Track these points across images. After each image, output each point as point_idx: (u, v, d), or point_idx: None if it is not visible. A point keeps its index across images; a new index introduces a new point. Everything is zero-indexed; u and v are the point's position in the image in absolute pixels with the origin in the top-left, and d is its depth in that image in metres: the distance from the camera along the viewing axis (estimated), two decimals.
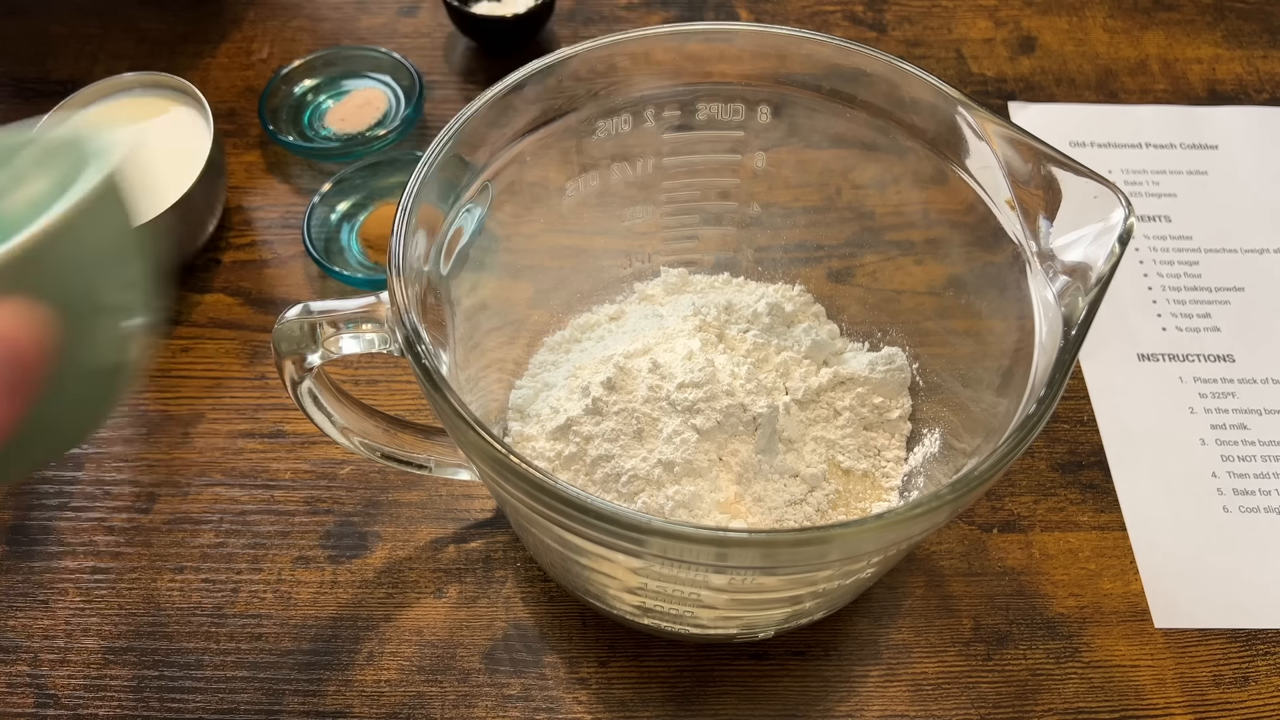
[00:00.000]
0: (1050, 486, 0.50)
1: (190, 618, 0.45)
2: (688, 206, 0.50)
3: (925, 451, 0.46)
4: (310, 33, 0.67)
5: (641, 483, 0.42)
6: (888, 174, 0.46)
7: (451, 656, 0.44)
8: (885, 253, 0.49)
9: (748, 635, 0.44)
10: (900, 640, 0.45)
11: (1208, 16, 0.69)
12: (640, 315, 0.49)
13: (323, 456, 0.50)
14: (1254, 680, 0.45)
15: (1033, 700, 0.44)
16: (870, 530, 0.33)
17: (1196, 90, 0.66)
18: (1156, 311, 0.56)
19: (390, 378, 0.53)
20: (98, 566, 0.47)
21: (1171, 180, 0.62)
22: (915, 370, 0.48)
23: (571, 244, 0.50)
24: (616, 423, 0.42)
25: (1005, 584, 0.47)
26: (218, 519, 0.48)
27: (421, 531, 0.48)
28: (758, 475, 0.43)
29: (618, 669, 0.44)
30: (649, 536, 0.32)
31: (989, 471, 0.33)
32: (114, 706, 0.43)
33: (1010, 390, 0.39)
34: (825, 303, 0.51)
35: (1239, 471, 0.51)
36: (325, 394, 0.40)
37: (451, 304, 0.41)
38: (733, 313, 0.48)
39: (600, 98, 0.44)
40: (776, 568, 0.35)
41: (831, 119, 0.45)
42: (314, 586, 0.46)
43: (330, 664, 0.44)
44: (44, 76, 0.64)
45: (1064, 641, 0.45)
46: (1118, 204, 0.36)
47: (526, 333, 0.49)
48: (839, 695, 0.44)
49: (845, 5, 0.69)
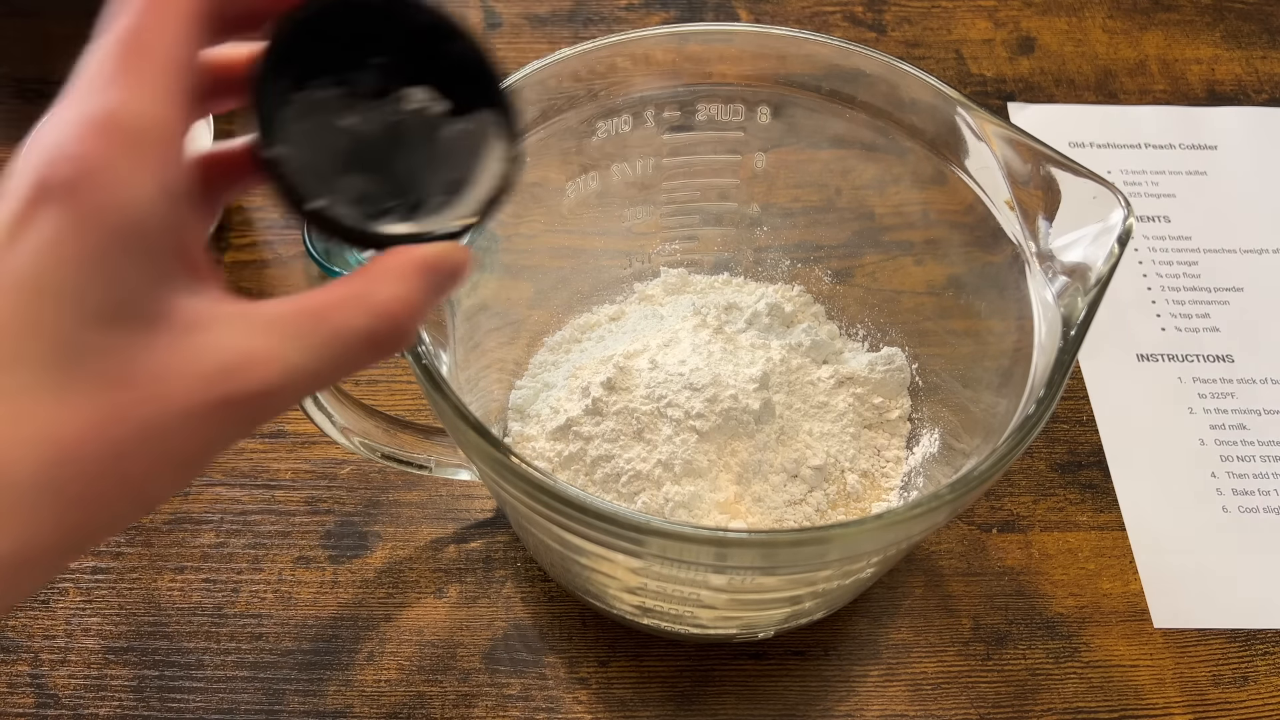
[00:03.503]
0: (1049, 486, 0.50)
1: (191, 617, 0.45)
2: (688, 207, 0.50)
3: (925, 451, 0.46)
4: None
5: (641, 483, 0.42)
6: (887, 174, 0.46)
7: (451, 656, 0.45)
8: (885, 253, 0.49)
9: (747, 635, 0.44)
10: (900, 640, 0.45)
11: (1207, 17, 0.69)
12: (640, 315, 0.49)
13: (323, 456, 0.50)
14: (1253, 680, 0.45)
15: (1032, 700, 0.44)
16: (870, 530, 0.33)
17: (1196, 91, 0.66)
18: (1156, 312, 0.56)
19: (390, 378, 0.53)
20: (98, 566, 0.47)
21: (1170, 181, 0.62)
22: (915, 370, 0.48)
23: (571, 244, 0.50)
24: (616, 423, 0.42)
25: (1005, 584, 0.47)
26: (218, 519, 0.48)
27: (422, 531, 0.48)
28: (758, 475, 0.43)
29: (618, 669, 0.44)
30: (649, 536, 0.32)
31: (988, 471, 0.34)
32: (114, 706, 0.43)
33: (1010, 390, 0.39)
34: (825, 303, 0.51)
35: (1238, 472, 0.51)
36: (325, 394, 0.40)
37: (451, 304, 0.41)
38: (733, 313, 0.48)
39: (600, 98, 0.44)
40: (776, 568, 0.35)
41: (831, 119, 0.45)
42: (314, 586, 0.46)
43: (330, 664, 0.44)
44: (44, 77, 0.64)
45: (1063, 641, 0.46)
46: (1117, 204, 0.36)
47: (526, 333, 0.49)
48: (839, 695, 0.44)
49: (845, 6, 0.69)
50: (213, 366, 0.23)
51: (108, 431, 0.21)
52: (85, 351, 0.21)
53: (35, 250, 0.21)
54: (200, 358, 0.23)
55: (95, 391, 0.21)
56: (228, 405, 0.23)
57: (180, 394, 0.22)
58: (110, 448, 0.22)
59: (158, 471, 0.23)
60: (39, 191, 0.21)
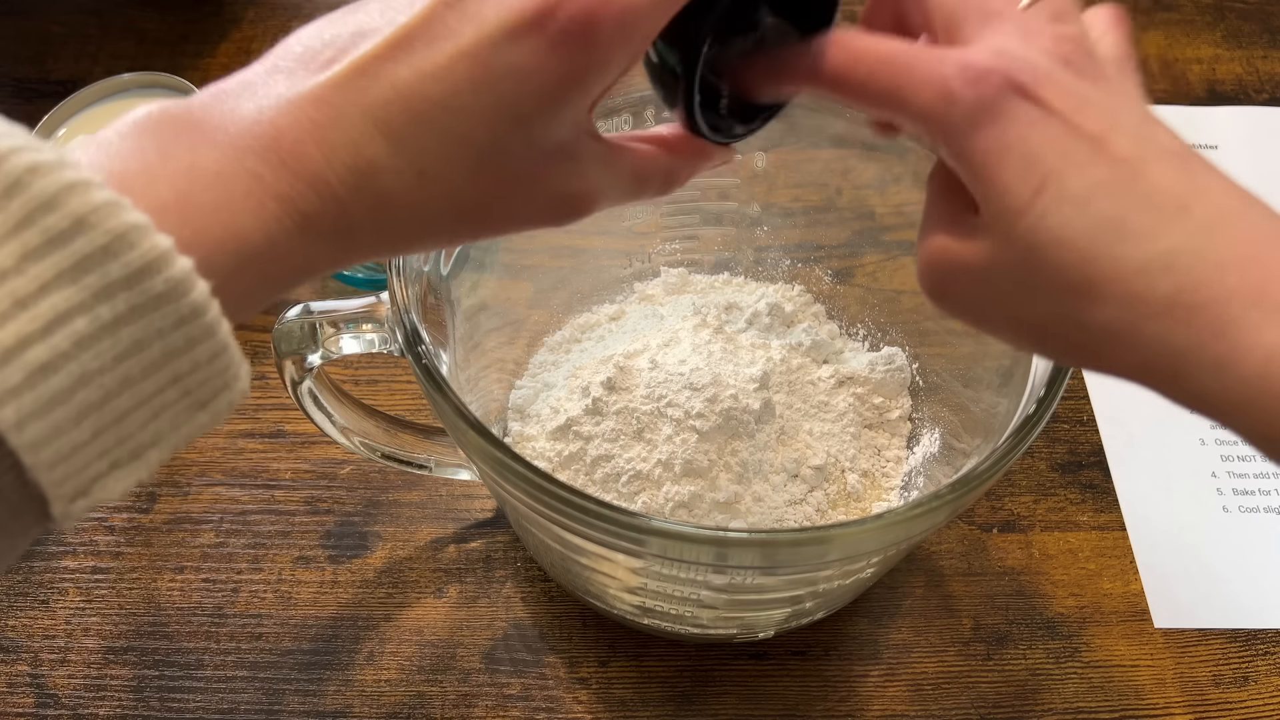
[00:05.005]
0: (1050, 486, 0.50)
1: (190, 617, 0.45)
2: (688, 206, 0.50)
3: (925, 451, 0.46)
4: None
5: (641, 482, 0.42)
6: (888, 174, 0.46)
7: (451, 656, 0.45)
8: (885, 252, 0.49)
9: (748, 635, 0.44)
10: (900, 640, 0.45)
11: (1207, 17, 0.69)
12: (640, 315, 0.49)
13: (323, 456, 0.50)
14: (1253, 680, 0.45)
15: (1032, 700, 0.44)
16: (870, 530, 0.33)
17: (1196, 90, 0.66)
18: None
19: (390, 378, 0.53)
20: (98, 566, 0.47)
21: None
22: (915, 370, 0.48)
23: (571, 244, 0.50)
24: (616, 423, 0.42)
25: (1005, 584, 0.47)
26: (218, 519, 0.48)
27: (421, 531, 0.48)
28: (758, 475, 0.43)
29: (618, 669, 0.44)
30: (649, 536, 0.32)
31: (989, 471, 0.33)
32: (114, 706, 0.43)
33: (1010, 390, 0.39)
34: (825, 302, 0.51)
35: (1239, 471, 0.51)
36: (325, 394, 0.40)
37: (451, 304, 0.41)
38: (733, 312, 0.48)
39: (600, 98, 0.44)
40: (776, 568, 0.35)
41: (831, 119, 0.45)
42: (314, 586, 0.46)
43: (330, 664, 0.44)
44: (44, 77, 0.64)
45: (1064, 641, 0.45)
46: None
47: (526, 333, 0.49)
48: (839, 695, 0.44)
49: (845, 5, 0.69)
50: (571, 191, 0.27)
51: (493, 209, 0.26)
52: (516, 154, 0.25)
53: (524, 65, 0.24)
54: (568, 183, 0.27)
55: (499, 182, 0.25)
56: (567, 205, 0.28)
57: (543, 202, 0.27)
58: (491, 218, 0.27)
59: (506, 223, 0.28)
60: (537, 20, 0.23)
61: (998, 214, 0.25)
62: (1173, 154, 0.24)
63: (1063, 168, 0.24)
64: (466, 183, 0.25)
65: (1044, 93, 0.24)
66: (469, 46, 0.23)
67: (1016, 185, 0.24)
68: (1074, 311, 0.24)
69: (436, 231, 0.26)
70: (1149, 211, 0.23)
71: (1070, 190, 0.24)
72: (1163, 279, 0.23)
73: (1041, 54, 0.25)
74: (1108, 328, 0.24)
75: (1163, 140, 0.25)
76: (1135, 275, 0.23)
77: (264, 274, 0.23)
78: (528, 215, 0.27)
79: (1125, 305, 0.23)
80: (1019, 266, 0.25)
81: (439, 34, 0.24)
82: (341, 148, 0.23)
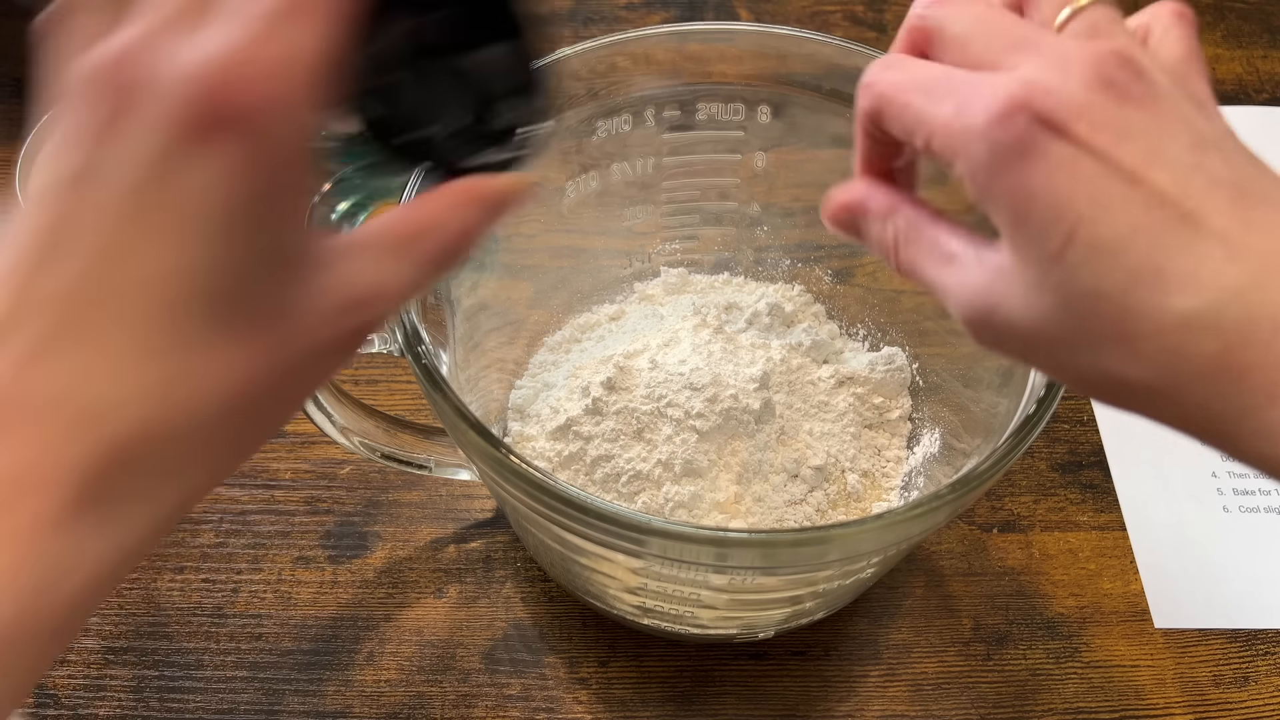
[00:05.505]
0: (1050, 486, 0.50)
1: (190, 618, 0.45)
2: (688, 206, 0.50)
3: (925, 451, 0.46)
4: None
5: (641, 483, 0.42)
6: None
7: (451, 656, 0.44)
8: None
9: (748, 635, 0.44)
10: (900, 640, 0.45)
11: (1208, 16, 0.69)
12: (640, 315, 0.49)
13: (323, 456, 0.50)
14: (1254, 680, 0.45)
15: (1032, 700, 0.44)
16: (870, 530, 0.33)
17: None
18: None
19: (390, 378, 0.53)
20: None
21: None
22: (915, 370, 0.48)
23: (571, 244, 0.50)
24: (616, 423, 0.42)
25: (1005, 584, 0.47)
26: (218, 519, 0.48)
27: (421, 531, 0.48)
28: (758, 475, 0.43)
29: (618, 669, 0.44)
30: (649, 536, 0.32)
31: (989, 471, 0.33)
32: (114, 706, 0.43)
33: (1010, 390, 0.39)
34: (825, 302, 0.51)
35: (1239, 471, 0.51)
36: (325, 394, 0.40)
37: (451, 304, 0.41)
38: (733, 312, 0.48)
39: (600, 97, 0.44)
40: (776, 568, 0.35)
41: (831, 119, 0.45)
42: (314, 586, 0.46)
43: (330, 664, 0.44)
44: None
45: (1064, 641, 0.45)
46: None
47: (526, 333, 0.49)
48: (839, 695, 0.44)
49: (845, 5, 0.69)
50: (349, 299, 0.24)
51: (272, 370, 0.22)
52: (251, 293, 0.22)
53: (203, 188, 0.21)
54: (338, 291, 0.23)
55: (258, 333, 0.22)
56: (358, 333, 0.24)
57: (323, 328, 0.23)
58: (272, 387, 0.23)
59: (296, 403, 0.24)
60: (208, 121, 0.20)
61: (1029, 263, 0.23)
62: (1224, 185, 0.22)
63: (1094, 214, 0.22)
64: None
65: (1077, 127, 0.22)
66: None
67: (1044, 234, 0.22)
68: (1115, 365, 0.22)
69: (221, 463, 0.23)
70: (1191, 258, 0.21)
71: (1102, 239, 0.22)
72: (1208, 338, 0.21)
73: (1077, 81, 0.22)
74: (1150, 386, 0.22)
75: (1214, 169, 0.22)
76: (1177, 330, 0.21)
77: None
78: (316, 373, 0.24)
79: (1167, 364, 0.22)
80: (1056, 318, 0.23)
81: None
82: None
